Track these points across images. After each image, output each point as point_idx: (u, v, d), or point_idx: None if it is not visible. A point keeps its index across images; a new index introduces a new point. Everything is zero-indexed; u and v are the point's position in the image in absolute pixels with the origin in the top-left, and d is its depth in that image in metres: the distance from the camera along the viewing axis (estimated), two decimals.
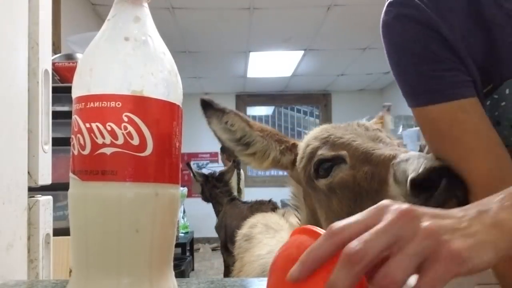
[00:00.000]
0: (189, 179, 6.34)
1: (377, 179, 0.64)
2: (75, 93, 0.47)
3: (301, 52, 5.36)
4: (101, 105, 0.44)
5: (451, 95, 0.62)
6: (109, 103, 0.44)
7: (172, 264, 0.49)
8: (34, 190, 0.91)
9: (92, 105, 0.45)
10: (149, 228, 0.45)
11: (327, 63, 5.92)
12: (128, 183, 0.44)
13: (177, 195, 0.49)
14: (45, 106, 0.95)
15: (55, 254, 1.00)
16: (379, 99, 7.40)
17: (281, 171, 0.91)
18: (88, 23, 3.77)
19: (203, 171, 4.57)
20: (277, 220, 1.36)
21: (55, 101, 1.07)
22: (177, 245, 4.06)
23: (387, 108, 1.22)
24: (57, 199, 1.30)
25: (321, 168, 0.72)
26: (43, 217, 0.92)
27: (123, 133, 0.44)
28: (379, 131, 0.77)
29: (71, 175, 0.46)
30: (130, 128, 0.44)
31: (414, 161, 0.58)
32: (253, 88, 7.14)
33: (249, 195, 4.83)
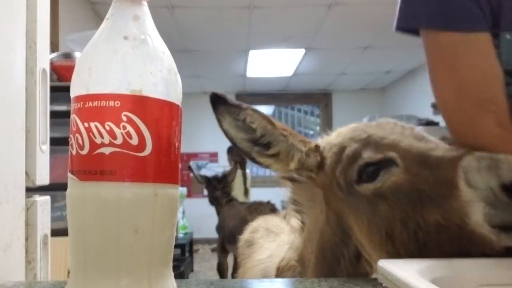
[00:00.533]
0: (188, 179, 6.34)
1: (443, 183, 0.59)
2: (74, 92, 0.46)
3: (302, 51, 5.36)
4: (99, 105, 0.44)
5: (462, 27, 0.68)
6: (107, 102, 0.44)
7: (171, 265, 0.48)
8: (31, 190, 0.90)
9: (90, 104, 0.44)
10: (148, 228, 0.44)
11: (328, 62, 5.92)
12: (127, 183, 0.43)
13: (177, 195, 0.48)
14: (43, 105, 0.94)
15: (53, 255, 0.99)
16: (380, 98, 7.41)
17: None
18: (86, 22, 3.77)
19: (204, 172, 4.58)
20: (278, 223, 1.35)
21: (53, 101, 1.06)
22: (177, 246, 4.06)
23: None
24: (55, 199, 1.30)
25: (365, 172, 0.66)
26: (41, 217, 0.92)
27: (122, 133, 0.43)
28: (413, 129, 0.72)
29: (69, 175, 0.46)
30: (129, 127, 0.44)
31: (486, 164, 0.55)
32: (254, 87, 7.14)
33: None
